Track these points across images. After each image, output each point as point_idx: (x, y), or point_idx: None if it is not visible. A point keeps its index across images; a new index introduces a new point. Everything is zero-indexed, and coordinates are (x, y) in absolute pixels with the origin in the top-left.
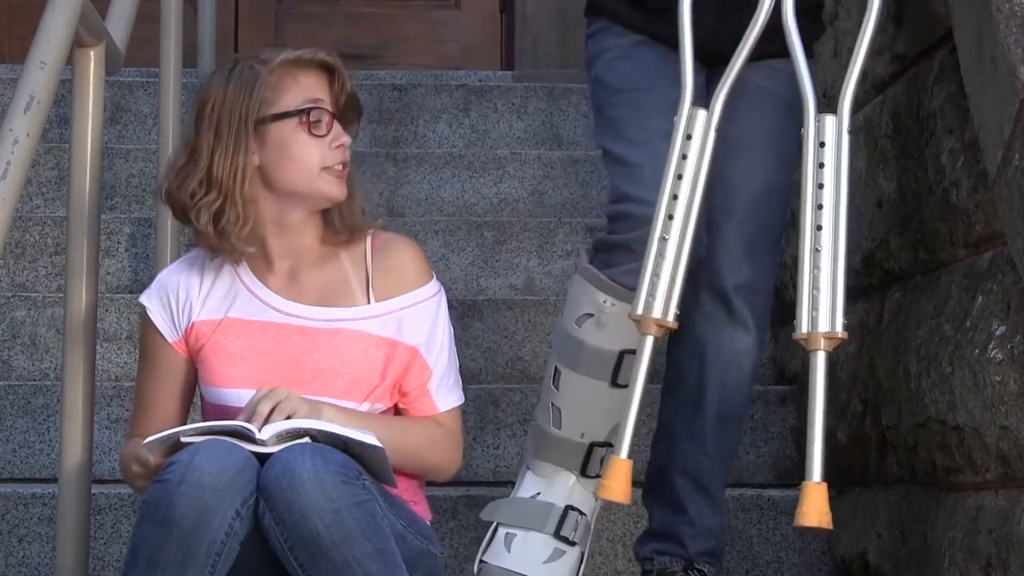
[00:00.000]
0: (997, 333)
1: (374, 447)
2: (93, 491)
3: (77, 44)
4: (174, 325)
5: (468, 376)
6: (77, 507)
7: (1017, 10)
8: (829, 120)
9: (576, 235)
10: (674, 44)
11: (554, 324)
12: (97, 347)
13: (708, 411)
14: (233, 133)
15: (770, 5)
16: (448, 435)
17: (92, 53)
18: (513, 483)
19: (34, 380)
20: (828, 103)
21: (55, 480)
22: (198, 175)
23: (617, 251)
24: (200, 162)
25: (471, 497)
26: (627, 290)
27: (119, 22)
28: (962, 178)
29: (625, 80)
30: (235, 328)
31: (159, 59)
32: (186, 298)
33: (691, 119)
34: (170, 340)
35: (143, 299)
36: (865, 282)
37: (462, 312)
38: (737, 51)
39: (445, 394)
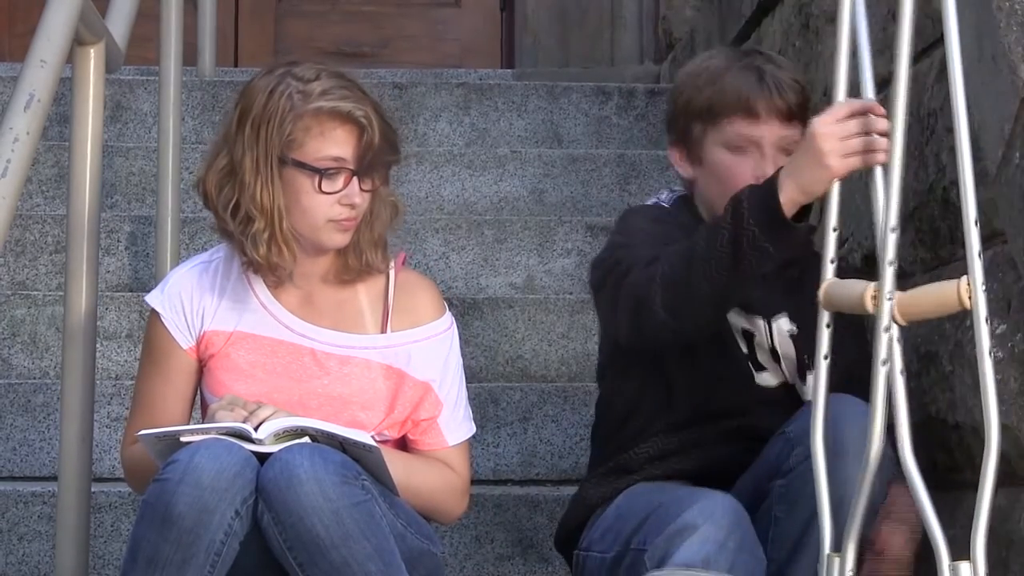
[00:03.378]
0: (997, 332)
1: (369, 448)
2: (93, 489)
3: (77, 42)
4: (188, 331)
5: (468, 375)
6: (77, 505)
7: (1017, 8)
8: None
9: (576, 233)
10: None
11: (554, 323)
12: (97, 345)
13: None
14: (268, 161)
15: None
16: (458, 481)
17: (92, 51)
18: (513, 481)
19: (34, 378)
20: (829, 101)
21: (55, 478)
22: (242, 193)
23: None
24: (240, 176)
25: (471, 496)
26: (697, 570)
27: (119, 20)
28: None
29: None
30: (245, 342)
31: (159, 57)
32: (199, 306)
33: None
34: (184, 347)
35: (154, 302)
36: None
37: (462, 310)
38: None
39: (455, 427)
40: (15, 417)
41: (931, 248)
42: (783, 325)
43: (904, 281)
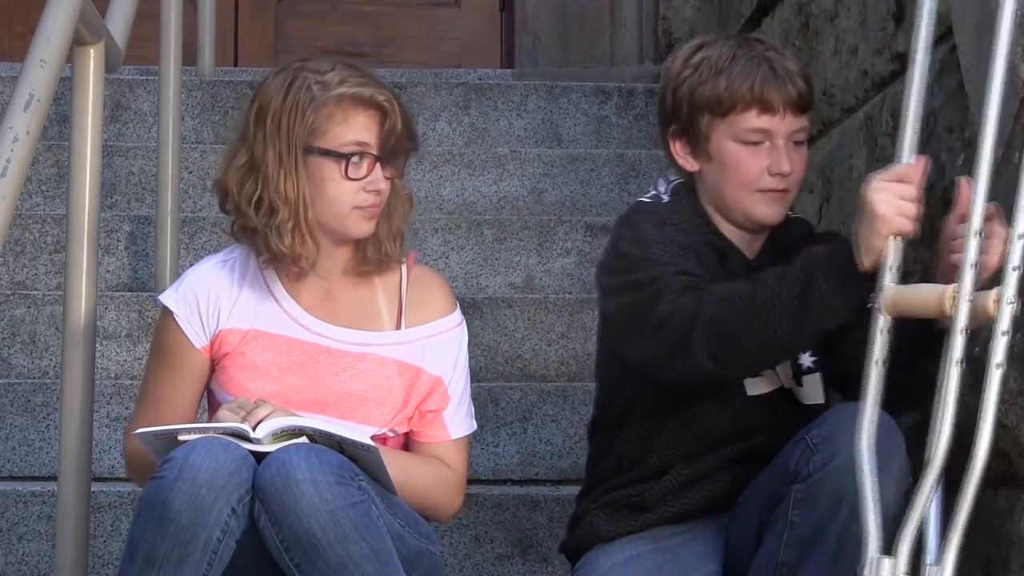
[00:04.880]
0: None
1: (367, 447)
2: (93, 489)
3: (77, 42)
4: (203, 331)
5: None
6: (77, 505)
7: (1017, 8)
8: None
9: (576, 233)
10: (675, 520)
11: (554, 322)
12: (97, 345)
13: None
14: (292, 152)
15: None
16: (455, 478)
17: (92, 51)
18: (512, 480)
19: (34, 378)
20: (828, 100)
21: (55, 478)
22: (265, 186)
23: None
24: (263, 171)
25: (471, 495)
26: None
27: (119, 20)
28: (962, 176)
29: None
30: (261, 341)
31: (159, 57)
32: (216, 305)
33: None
34: (197, 346)
35: (168, 302)
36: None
37: (462, 310)
38: None
39: (458, 422)
40: (15, 417)
41: (931, 248)
42: None
43: (904, 281)
